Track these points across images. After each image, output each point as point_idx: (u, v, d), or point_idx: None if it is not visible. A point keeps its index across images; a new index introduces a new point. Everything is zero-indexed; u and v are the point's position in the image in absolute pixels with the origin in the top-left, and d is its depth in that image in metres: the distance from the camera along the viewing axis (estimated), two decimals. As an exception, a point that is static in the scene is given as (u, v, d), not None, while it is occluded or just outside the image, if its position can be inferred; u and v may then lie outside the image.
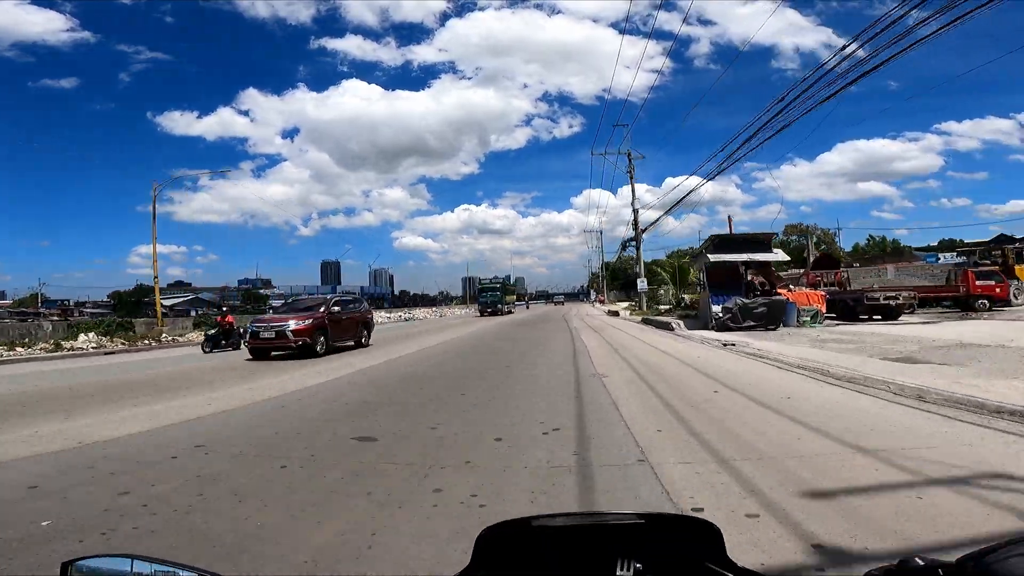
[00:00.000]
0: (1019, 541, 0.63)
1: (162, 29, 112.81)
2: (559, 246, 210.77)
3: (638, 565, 0.70)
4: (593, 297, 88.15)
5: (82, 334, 20.17)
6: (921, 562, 0.66)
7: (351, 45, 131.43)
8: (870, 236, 60.56)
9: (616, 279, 77.01)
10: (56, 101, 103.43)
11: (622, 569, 0.69)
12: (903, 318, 17.13)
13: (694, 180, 27.61)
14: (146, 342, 20.28)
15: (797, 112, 12.73)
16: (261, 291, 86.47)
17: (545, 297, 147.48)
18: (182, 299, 70.80)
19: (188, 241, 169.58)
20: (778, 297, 16.19)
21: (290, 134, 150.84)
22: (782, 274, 24.11)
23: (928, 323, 15.40)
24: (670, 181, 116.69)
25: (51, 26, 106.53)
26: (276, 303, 33.60)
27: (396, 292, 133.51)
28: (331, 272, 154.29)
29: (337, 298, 15.39)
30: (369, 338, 15.66)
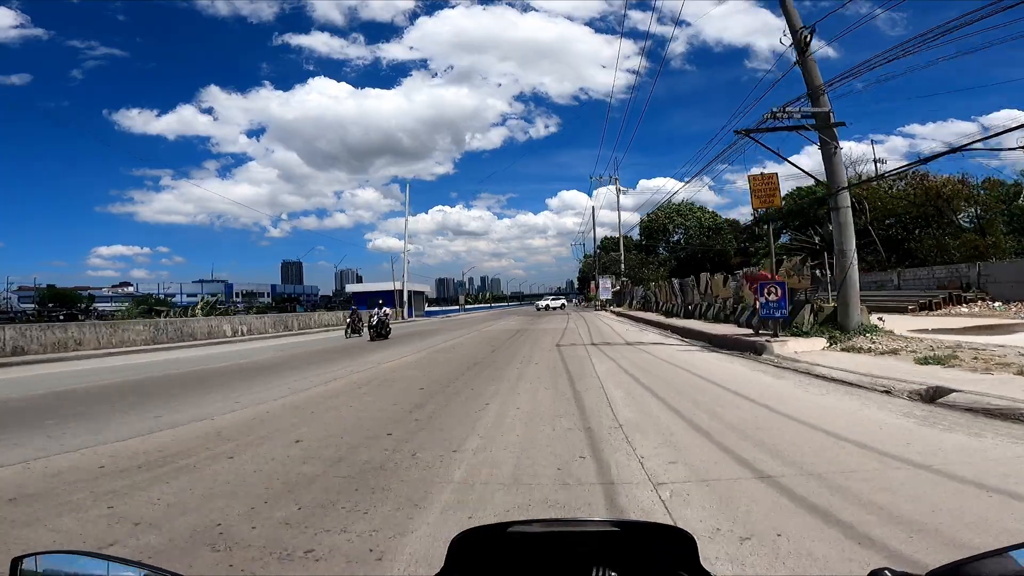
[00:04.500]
0: (990, 555, 0.65)
1: (115, 25, 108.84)
2: (535, 248, 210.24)
3: (613, 573, 0.69)
4: (632, 296, 38.56)
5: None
6: (890, 574, 0.68)
7: (317, 42, 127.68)
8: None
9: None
10: (7, 98, 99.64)
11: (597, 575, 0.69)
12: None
13: (669, 183, 27.12)
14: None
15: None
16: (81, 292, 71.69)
17: (519, 299, 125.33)
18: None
19: (153, 242, 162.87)
20: None
21: (256, 133, 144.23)
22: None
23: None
24: (644, 183, 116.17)
25: (0, 22, 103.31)
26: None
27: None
28: (292, 272, 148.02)
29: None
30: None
